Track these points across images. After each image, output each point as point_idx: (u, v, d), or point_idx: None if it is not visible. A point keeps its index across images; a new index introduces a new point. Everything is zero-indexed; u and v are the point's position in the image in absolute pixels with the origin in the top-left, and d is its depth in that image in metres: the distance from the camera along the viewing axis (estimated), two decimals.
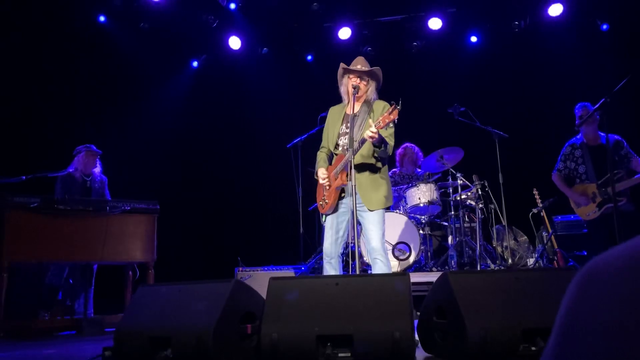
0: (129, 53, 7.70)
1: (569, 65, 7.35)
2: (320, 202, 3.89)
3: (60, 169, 5.69)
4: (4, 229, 4.63)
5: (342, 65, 3.87)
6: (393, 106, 3.39)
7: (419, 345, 2.86)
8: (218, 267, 6.62)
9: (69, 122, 7.03)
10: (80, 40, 7.41)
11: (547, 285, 2.55)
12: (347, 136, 3.66)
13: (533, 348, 2.39)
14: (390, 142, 3.70)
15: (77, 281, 5.60)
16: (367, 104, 3.82)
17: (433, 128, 7.31)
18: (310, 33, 8.35)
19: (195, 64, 8.61)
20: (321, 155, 4.00)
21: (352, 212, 3.44)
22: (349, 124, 3.71)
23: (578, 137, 5.22)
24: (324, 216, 3.90)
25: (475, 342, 2.38)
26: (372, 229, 3.67)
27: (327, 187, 3.80)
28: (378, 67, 3.86)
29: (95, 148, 5.90)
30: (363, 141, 3.53)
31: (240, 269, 5.81)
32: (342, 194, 3.76)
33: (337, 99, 4.03)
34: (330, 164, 3.93)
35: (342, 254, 3.84)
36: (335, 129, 3.88)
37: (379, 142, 3.55)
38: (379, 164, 3.76)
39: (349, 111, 3.83)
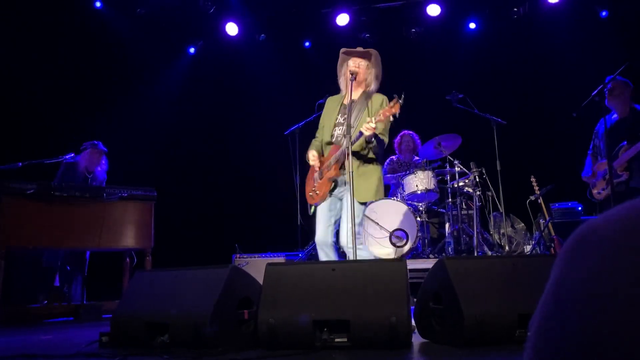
0: (125, 39, 7.65)
1: (567, 52, 7.32)
2: (310, 193, 3.85)
3: (55, 155, 5.64)
4: (0, 215, 4.62)
5: (342, 50, 3.82)
6: (395, 99, 3.33)
7: (416, 331, 2.87)
8: (215, 254, 6.61)
9: (64, 109, 6.99)
10: (76, 26, 7.35)
11: (543, 271, 2.54)
12: (342, 127, 3.66)
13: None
14: (385, 138, 3.67)
15: (72, 267, 5.61)
16: (366, 94, 3.77)
17: (431, 115, 7.28)
18: (308, 19, 8.29)
19: (192, 50, 8.56)
20: (314, 143, 3.97)
21: (350, 200, 3.41)
22: (345, 115, 3.67)
23: (610, 113, 4.85)
24: (312, 207, 3.87)
25: (471, 327, 2.39)
26: (347, 222, 3.61)
27: (319, 179, 3.78)
28: (377, 51, 3.82)
29: (102, 146, 5.83)
30: (359, 135, 3.50)
31: (238, 255, 5.82)
32: (333, 185, 3.73)
33: (334, 86, 3.99)
34: (322, 154, 3.88)
35: (335, 241, 3.82)
36: (331, 119, 3.84)
37: (372, 138, 3.52)
38: (372, 156, 3.73)
39: (346, 101, 3.77)
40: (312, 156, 3.80)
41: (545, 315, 0.55)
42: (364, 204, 3.72)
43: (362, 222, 3.74)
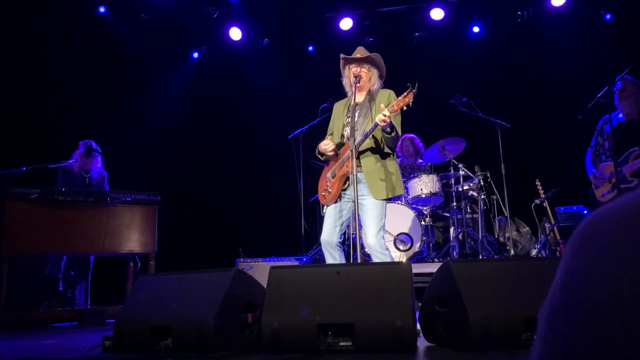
0: (129, 44, 7.66)
1: (572, 55, 7.29)
2: (323, 193, 3.79)
3: (60, 160, 5.66)
4: (4, 220, 4.61)
5: (341, 55, 3.82)
6: (409, 89, 3.32)
7: (421, 334, 2.85)
8: (219, 258, 6.61)
9: (69, 114, 7.00)
10: (80, 31, 7.37)
11: (549, 274, 2.52)
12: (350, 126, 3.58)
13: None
14: (398, 131, 3.62)
15: (75, 272, 5.60)
16: (370, 93, 3.77)
17: (435, 119, 7.26)
18: (312, 24, 8.30)
19: (195, 55, 8.57)
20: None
21: (354, 202, 3.40)
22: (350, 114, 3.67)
23: (616, 111, 4.73)
24: (324, 207, 3.80)
25: (477, 331, 2.36)
26: (370, 224, 3.56)
27: (331, 178, 3.74)
28: (377, 54, 3.80)
29: (95, 145, 5.83)
30: (371, 130, 3.48)
31: (242, 260, 5.80)
32: (346, 184, 3.68)
33: (338, 90, 3.99)
34: (336, 155, 3.84)
35: (342, 243, 3.74)
36: (340, 121, 3.83)
37: (390, 128, 3.42)
38: (388, 151, 3.67)
39: (352, 103, 3.77)
40: (326, 141, 3.75)
41: (554, 304, 0.53)
42: (388, 200, 3.64)
43: (384, 223, 3.66)
